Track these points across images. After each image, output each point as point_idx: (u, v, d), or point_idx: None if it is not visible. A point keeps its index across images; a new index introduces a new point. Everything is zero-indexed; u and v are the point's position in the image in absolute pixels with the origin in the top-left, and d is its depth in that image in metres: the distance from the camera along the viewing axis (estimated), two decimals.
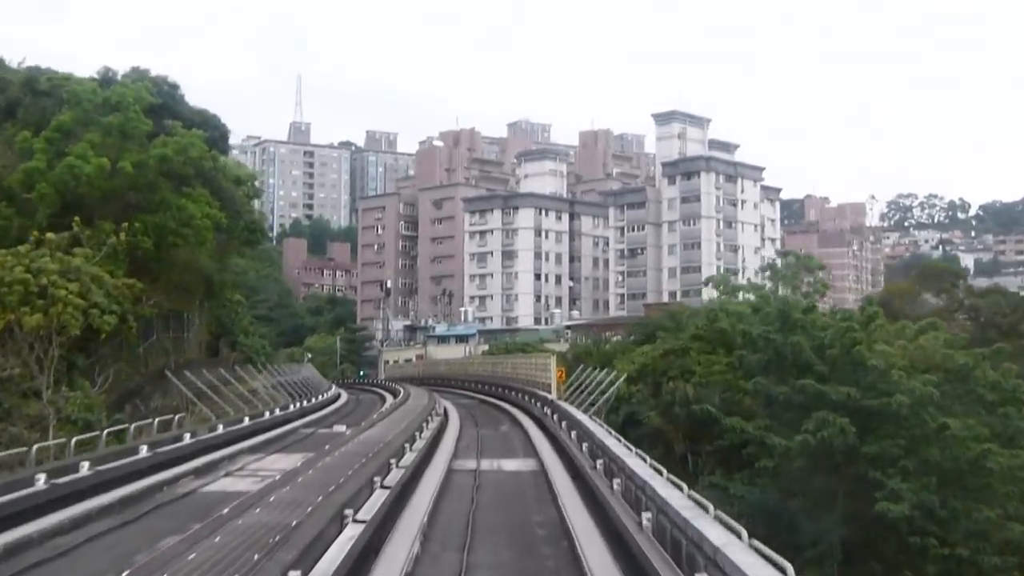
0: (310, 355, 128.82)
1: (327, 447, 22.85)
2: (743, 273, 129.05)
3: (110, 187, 34.66)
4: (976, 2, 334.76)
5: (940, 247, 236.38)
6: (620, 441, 16.72)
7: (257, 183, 59.74)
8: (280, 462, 21.46)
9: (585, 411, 27.77)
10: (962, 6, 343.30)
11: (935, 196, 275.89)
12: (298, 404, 36.37)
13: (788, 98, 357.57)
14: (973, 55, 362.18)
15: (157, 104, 39.39)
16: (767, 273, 47.56)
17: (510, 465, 21.46)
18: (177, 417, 30.12)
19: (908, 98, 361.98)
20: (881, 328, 33.47)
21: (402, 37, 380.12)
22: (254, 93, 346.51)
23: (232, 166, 58.92)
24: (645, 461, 14.61)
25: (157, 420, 25.39)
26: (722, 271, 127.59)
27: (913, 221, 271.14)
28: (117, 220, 36.19)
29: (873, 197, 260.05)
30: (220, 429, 24.04)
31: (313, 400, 47.45)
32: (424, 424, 26.82)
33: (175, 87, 43.86)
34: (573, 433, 22.61)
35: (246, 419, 26.85)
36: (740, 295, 55.66)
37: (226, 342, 62.11)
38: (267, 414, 29.90)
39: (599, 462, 16.97)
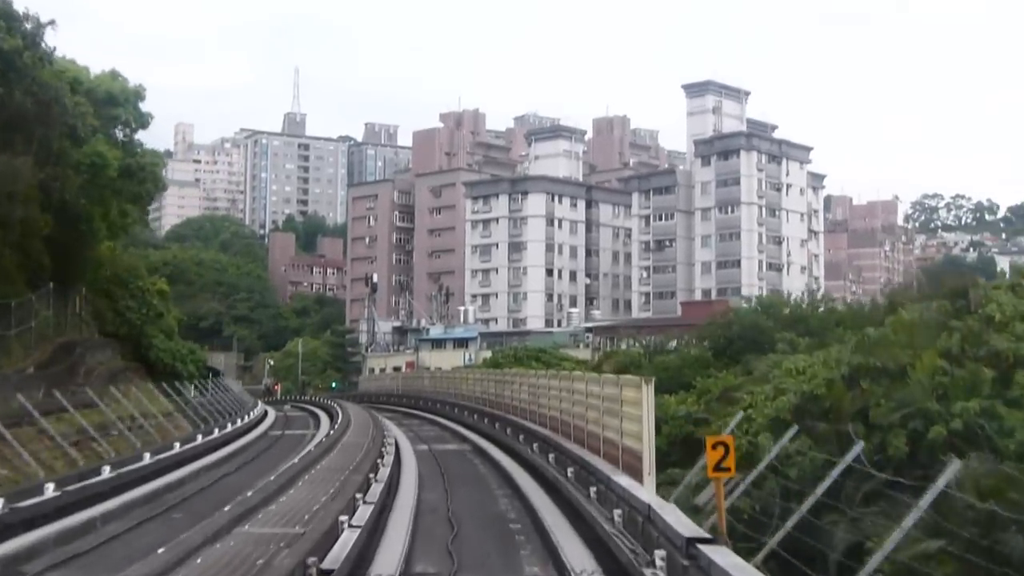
0: (271, 361, 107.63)
1: None
2: (787, 269, 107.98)
3: None
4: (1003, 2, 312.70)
5: (974, 249, 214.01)
6: None
7: (142, 106, 38.14)
8: None
9: None
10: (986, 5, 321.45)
11: (962, 197, 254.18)
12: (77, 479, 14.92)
13: (803, 98, 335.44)
14: (984, 54, 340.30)
15: None
16: None
17: None
18: None
19: (929, 97, 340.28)
20: None
21: (403, 29, 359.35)
22: (250, 89, 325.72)
23: (105, 79, 37.54)
24: None
25: None
26: (764, 267, 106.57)
27: (939, 222, 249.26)
28: None
29: (896, 197, 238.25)
30: None
31: (196, 441, 26.33)
32: None
33: None
34: None
35: None
36: None
37: (100, 346, 40.71)
38: None
39: None
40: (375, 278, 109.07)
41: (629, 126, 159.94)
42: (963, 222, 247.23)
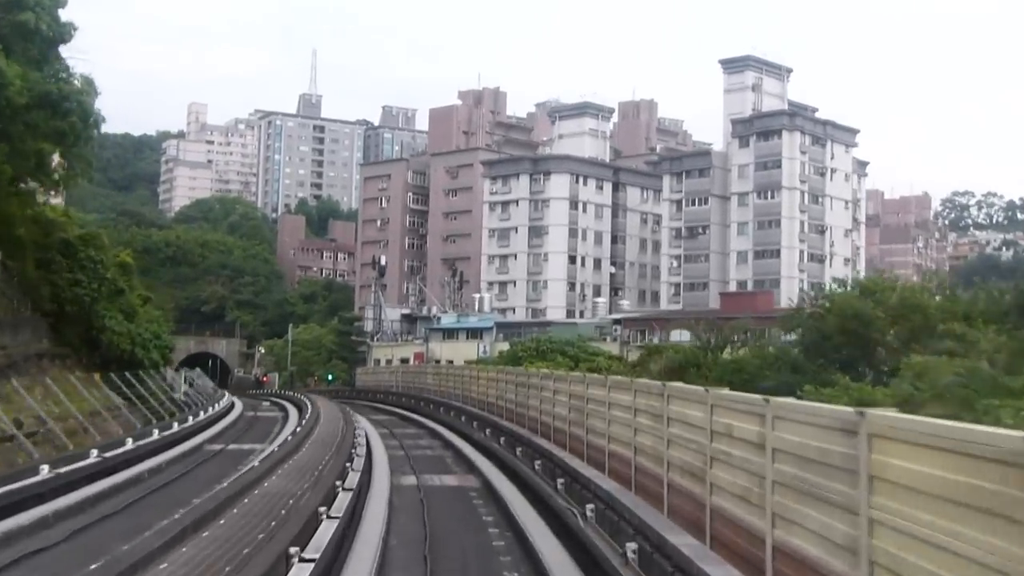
0: (261, 350, 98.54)
1: None
2: (830, 261, 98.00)
3: None
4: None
5: (1007, 248, 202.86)
6: None
7: (62, 14, 28.78)
8: None
9: None
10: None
11: (993, 195, 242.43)
12: None
13: (822, 94, 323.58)
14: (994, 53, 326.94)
15: None
16: None
17: None
18: None
19: (957, 94, 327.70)
20: None
21: (424, 14, 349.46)
22: (266, 73, 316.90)
23: None
24: None
25: None
26: (805, 257, 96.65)
27: (970, 220, 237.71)
28: None
29: (926, 194, 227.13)
30: None
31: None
32: None
33: None
34: None
35: None
36: None
37: (12, 326, 31.65)
38: None
39: None
40: (383, 260, 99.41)
41: (656, 111, 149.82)
42: (994, 220, 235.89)
